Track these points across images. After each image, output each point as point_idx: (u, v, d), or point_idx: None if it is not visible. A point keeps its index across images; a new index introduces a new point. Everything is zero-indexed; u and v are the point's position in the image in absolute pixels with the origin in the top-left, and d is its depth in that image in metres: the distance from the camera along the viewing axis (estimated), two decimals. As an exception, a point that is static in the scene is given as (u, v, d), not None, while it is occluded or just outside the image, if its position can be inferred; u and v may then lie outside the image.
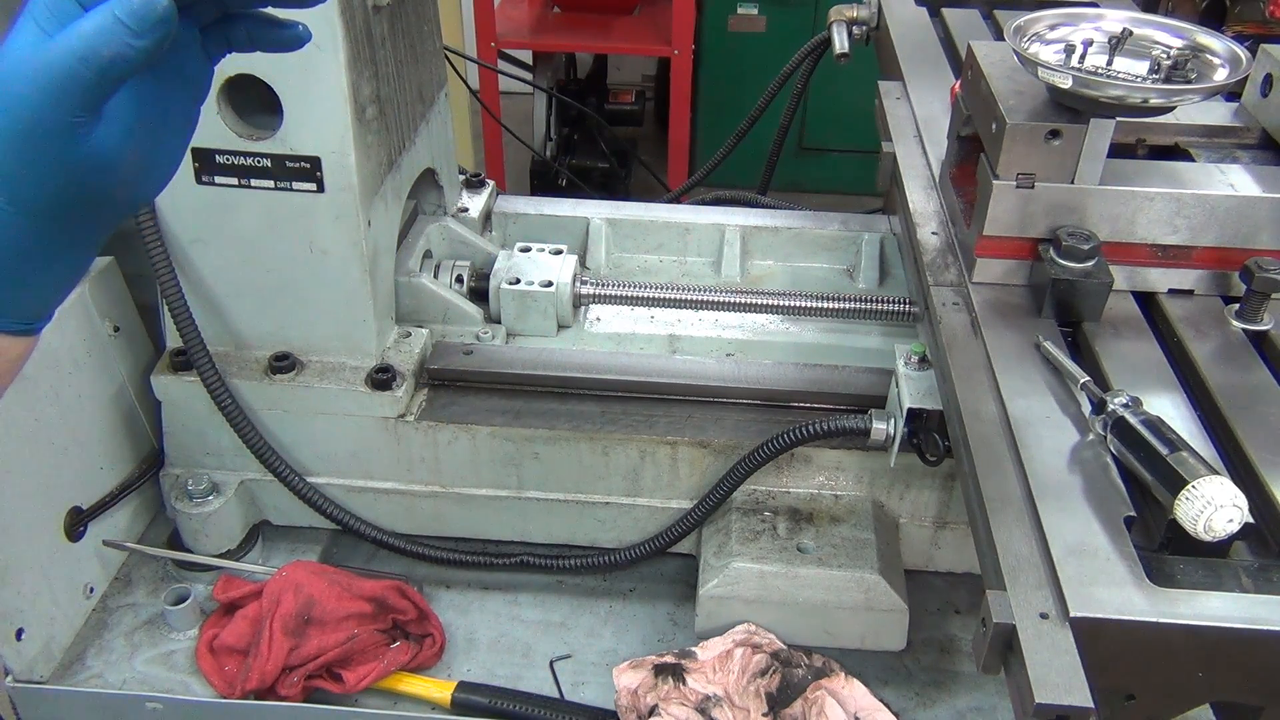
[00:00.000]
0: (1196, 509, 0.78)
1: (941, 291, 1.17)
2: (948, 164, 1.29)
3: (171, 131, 0.69)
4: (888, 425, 1.26)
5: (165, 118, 0.68)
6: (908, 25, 1.75)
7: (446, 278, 1.58)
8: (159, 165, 0.70)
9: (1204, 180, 1.11)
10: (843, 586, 1.31)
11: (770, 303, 1.53)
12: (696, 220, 1.76)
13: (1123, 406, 0.90)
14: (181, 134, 0.71)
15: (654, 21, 3.98)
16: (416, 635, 1.35)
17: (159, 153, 0.69)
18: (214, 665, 1.31)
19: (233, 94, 1.24)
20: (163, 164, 0.70)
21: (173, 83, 0.68)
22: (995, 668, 0.79)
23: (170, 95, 0.68)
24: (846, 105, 3.42)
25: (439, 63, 1.60)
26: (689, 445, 1.39)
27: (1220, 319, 1.10)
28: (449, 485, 1.45)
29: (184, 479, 1.43)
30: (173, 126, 0.69)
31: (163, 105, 0.67)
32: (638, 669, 1.28)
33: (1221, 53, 1.07)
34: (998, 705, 1.31)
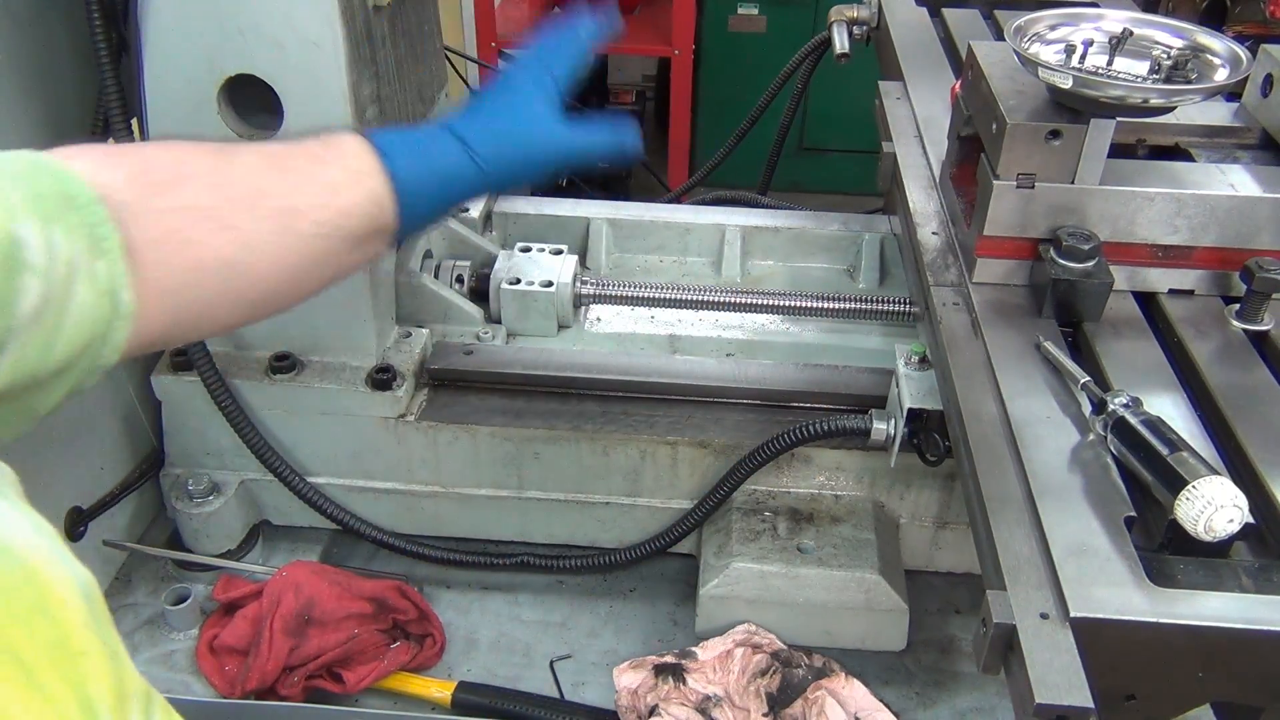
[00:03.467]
0: (1197, 509, 0.78)
1: (942, 291, 1.17)
2: (948, 164, 1.29)
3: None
4: (888, 425, 1.26)
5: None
6: (908, 25, 1.75)
7: (447, 278, 1.58)
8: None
9: (1204, 180, 1.11)
10: (843, 586, 1.31)
11: (770, 303, 1.53)
12: (697, 220, 1.76)
13: (1123, 407, 0.90)
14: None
15: (654, 21, 3.98)
16: (417, 635, 1.35)
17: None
18: (214, 665, 1.31)
19: (233, 93, 1.24)
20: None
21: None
22: (995, 668, 0.79)
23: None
24: (847, 105, 3.42)
25: (440, 63, 1.60)
26: (689, 445, 1.39)
27: (1220, 319, 1.10)
28: (449, 485, 1.45)
29: (184, 479, 1.43)
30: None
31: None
32: (638, 669, 1.28)
33: (1222, 53, 1.07)
34: (998, 705, 1.31)
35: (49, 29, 1.39)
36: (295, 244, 0.81)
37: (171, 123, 1.25)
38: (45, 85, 1.39)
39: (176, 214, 0.74)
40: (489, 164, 0.92)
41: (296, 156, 0.84)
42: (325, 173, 0.83)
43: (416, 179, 0.88)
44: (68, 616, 0.46)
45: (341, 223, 0.83)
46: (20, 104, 1.36)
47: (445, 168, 0.91)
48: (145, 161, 0.76)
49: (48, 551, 0.47)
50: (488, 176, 0.93)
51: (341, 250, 0.85)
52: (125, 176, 0.72)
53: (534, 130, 0.96)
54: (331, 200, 0.82)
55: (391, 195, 0.86)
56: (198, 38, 1.19)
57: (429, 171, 0.90)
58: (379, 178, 0.85)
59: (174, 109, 1.24)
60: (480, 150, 0.92)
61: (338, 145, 0.86)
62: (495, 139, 0.93)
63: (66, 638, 0.45)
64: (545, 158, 0.96)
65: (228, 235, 0.77)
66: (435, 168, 0.90)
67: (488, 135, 0.93)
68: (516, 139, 0.95)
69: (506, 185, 0.98)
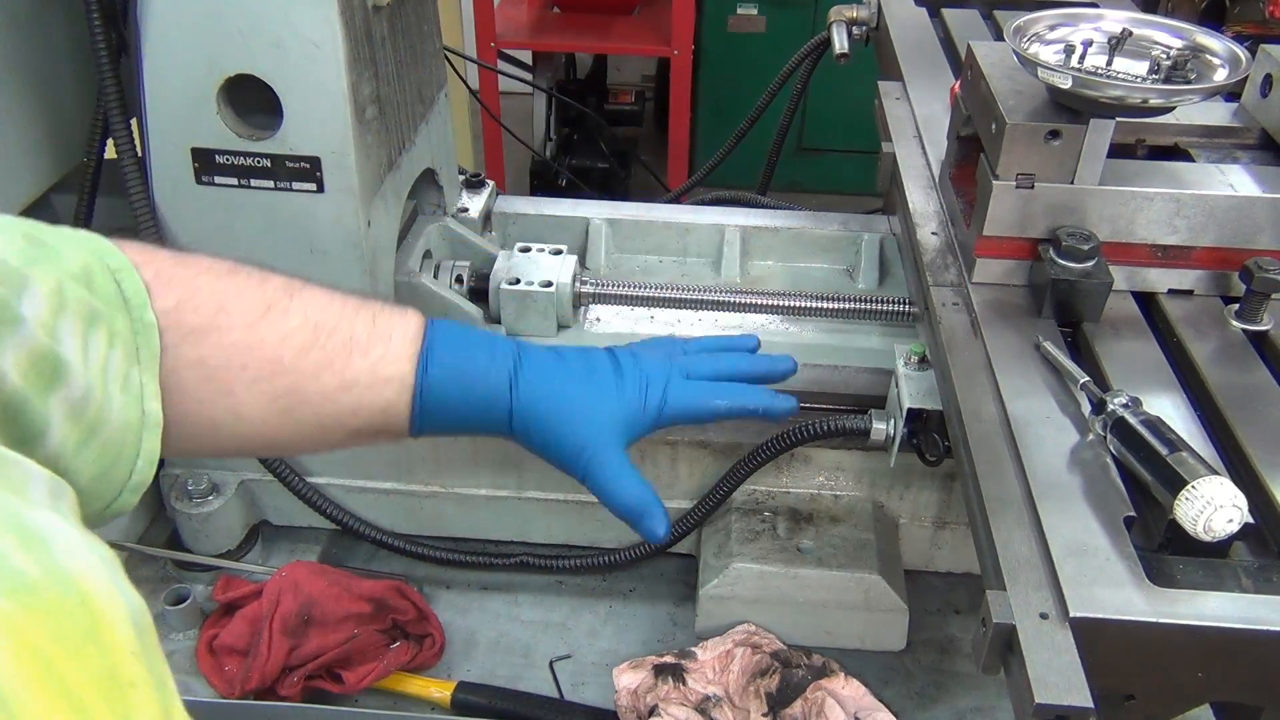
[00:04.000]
0: (1196, 509, 0.78)
1: (941, 292, 1.17)
2: (947, 164, 1.29)
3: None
4: (887, 425, 1.26)
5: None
6: (907, 25, 1.75)
7: (446, 278, 1.58)
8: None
9: (1203, 180, 1.11)
10: (843, 587, 1.31)
11: (770, 303, 1.53)
12: (696, 220, 1.76)
13: (1122, 407, 0.90)
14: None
15: (654, 22, 3.98)
16: (416, 635, 1.35)
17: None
18: (214, 665, 1.31)
19: (232, 94, 1.24)
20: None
21: None
22: (995, 668, 0.79)
23: None
24: (846, 105, 3.42)
25: (439, 63, 1.60)
26: (689, 445, 1.39)
27: (1220, 319, 1.10)
28: (449, 485, 1.45)
29: (184, 479, 1.43)
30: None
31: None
32: (637, 669, 1.28)
33: (1221, 53, 1.07)
34: (997, 705, 1.31)
35: (49, 29, 1.39)
36: (290, 426, 0.78)
37: (171, 123, 1.25)
38: (45, 85, 1.39)
39: (189, 367, 0.72)
40: (520, 424, 0.85)
41: (338, 334, 0.79)
42: (352, 365, 0.79)
43: (448, 401, 0.82)
44: (118, 646, 0.44)
45: (345, 420, 0.80)
46: (20, 104, 1.36)
47: (484, 400, 0.84)
48: (194, 294, 0.74)
49: (103, 578, 0.45)
50: (513, 433, 0.86)
51: (339, 438, 0.81)
52: (174, 306, 0.71)
53: (584, 435, 0.87)
54: (341, 397, 0.78)
55: (409, 403, 0.81)
56: (197, 38, 1.19)
57: (465, 400, 0.83)
58: (406, 390, 0.80)
59: (173, 109, 1.24)
60: (528, 410, 0.84)
61: (388, 335, 0.81)
62: (549, 413, 0.86)
63: (116, 668, 0.44)
64: (570, 465, 0.88)
65: (224, 402, 0.74)
66: (474, 396, 0.84)
67: (541, 404, 0.85)
68: (565, 428, 0.86)
69: (535, 452, 0.89)
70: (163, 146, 1.27)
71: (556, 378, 0.88)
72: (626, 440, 0.90)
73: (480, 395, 0.84)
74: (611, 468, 0.88)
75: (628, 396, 0.89)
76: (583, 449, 0.87)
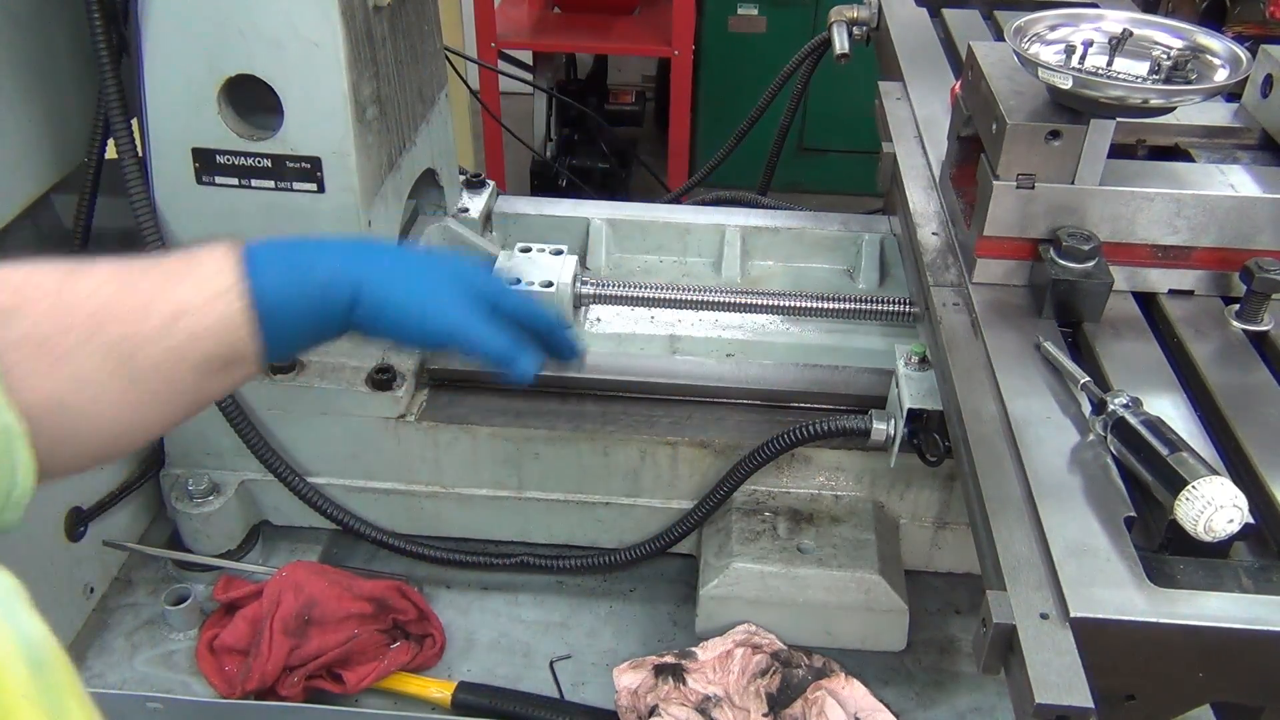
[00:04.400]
0: (1197, 509, 0.78)
1: (942, 292, 1.17)
2: (948, 164, 1.29)
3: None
4: (888, 425, 1.26)
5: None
6: (908, 26, 1.75)
7: (447, 278, 1.58)
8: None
9: (1204, 181, 1.11)
10: (843, 587, 1.31)
11: (770, 303, 1.53)
12: (697, 221, 1.76)
13: (1123, 407, 0.90)
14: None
15: (654, 22, 3.98)
16: (417, 635, 1.35)
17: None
18: (214, 665, 1.31)
19: (233, 94, 1.24)
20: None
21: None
22: (995, 668, 0.79)
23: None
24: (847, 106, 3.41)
25: (439, 63, 1.60)
26: (689, 445, 1.39)
27: (1220, 319, 1.10)
28: (449, 485, 1.45)
29: (184, 479, 1.43)
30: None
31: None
32: (638, 669, 1.28)
33: (1221, 53, 1.07)
34: (998, 705, 1.31)
35: (49, 30, 1.39)
36: (135, 380, 0.74)
37: (172, 123, 1.25)
38: (46, 86, 1.39)
39: (15, 348, 0.68)
40: (374, 306, 0.83)
41: (150, 274, 0.76)
42: (174, 293, 0.75)
43: (286, 301, 0.79)
44: (5, 688, 0.41)
45: (188, 352, 0.75)
46: (21, 104, 1.36)
47: (325, 294, 0.82)
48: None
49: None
50: (369, 320, 0.84)
51: (190, 380, 0.77)
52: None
53: (437, 296, 0.87)
54: (176, 325, 0.74)
55: (251, 318, 0.77)
56: (198, 38, 1.19)
57: (303, 294, 0.81)
58: (237, 298, 0.77)
59: (174, 109, 1.24)
60: (374, 288, 0.83)
61: (200, 260, 0.78)
62: (393, 286, 0.85)
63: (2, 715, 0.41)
64: (428, 327, 0.87)
65: (62, 371, 0.70)
66: (311, 291, 0.81)
67: (388, 279, 0.85)
68: (415, 295, 0.86)
69: (386, 338, 0.89)
70: (163, 146, 1.27)
71: (402, 254, 0.91)
72: (480, 302, 0.91)
73: (319, 285, 0.81)
74: (480, 323, 0.89)
75: (470, 275, 0.92)
76: (446, 310, 0.88)
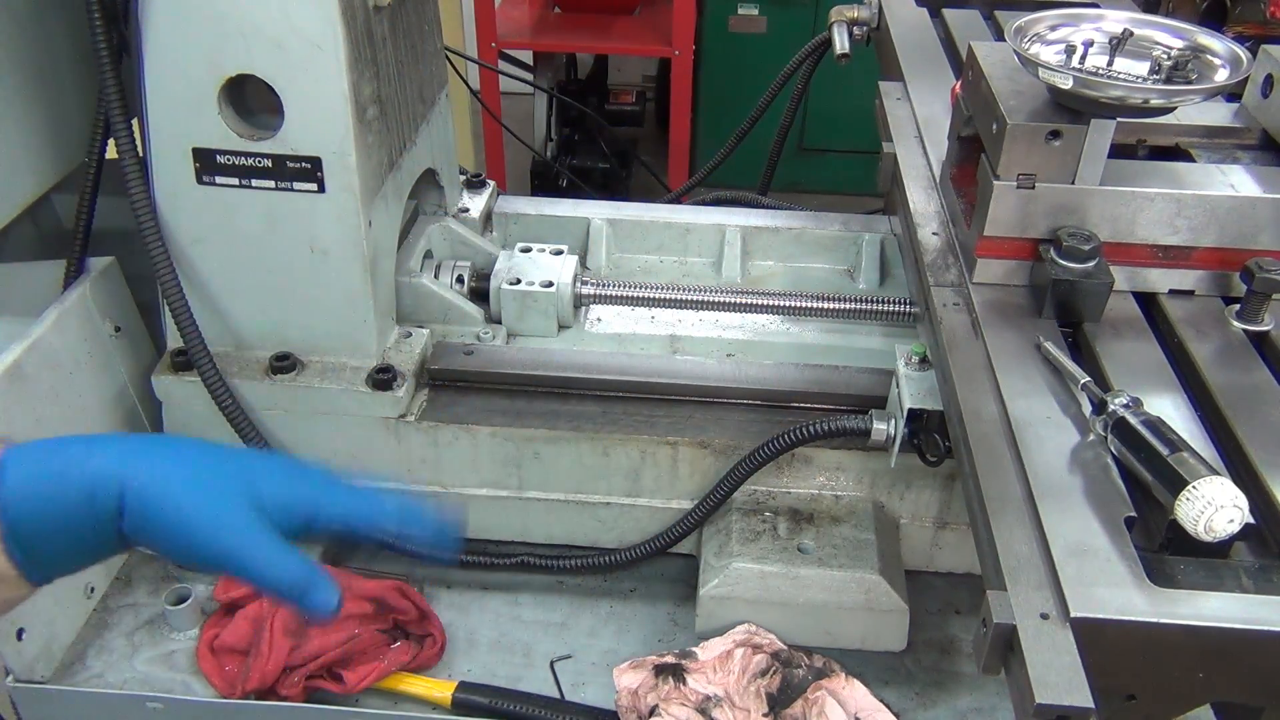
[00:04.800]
0: (1197, 509, 0.78)
1: (942, 292, 1.17)
2: (948, 164, 1.29)
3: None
4: (888, 426, 1.26)
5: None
6: (908, 26, 1.75)
7: (447, 278, 1.58)
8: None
9: (1204, 181, 1.11)
10: (843, 587, 1.31)
11: (771, 303, 1.53)
12: (697, 221, 1.76)
13: (1123, 407, 0.90)
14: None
15: (654, 22, 3.98)
16: (417, 635, 1.35)
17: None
18: (215, 665, 1.31)
19: (233, 94, 1.24)
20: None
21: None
22: (996, 668, 0.79)
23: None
24: (847, 106, 3.42)
25: (440, 63, 1.60)
26: (689, 445, 1.39)
27: (1221, 319, 1.10)
28: (450, 485, 1.45)
29: (184, 479, 1.43)
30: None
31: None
32: (638, 669, 1.28)
33: (1222, 53, 1.07)
34: (998, 705, 1.31)
35: (49, 30, 1.39)
36: None
37: (172, 123, 1.25)
38: (46, 86, 1.39)
39: None
40: (139, 516, 0.72)
41: None
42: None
43: (37, 512, 0.70)
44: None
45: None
46: (21, 105, 1.36)
47: (88, 502, 0.71)
48: None
49: None
50: (135, 533, 0.72)
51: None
52: None
53: (214, 510, 0.74)
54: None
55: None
56: (198, 38, 1.19)
57: (58, 503, 0.70)
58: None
59: (174, 109, 1.24)
60: (139, 496, 0.71)
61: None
62: (162, 494, 0.72)
63: None
64: (208, 550, 0.74)
65: None
66: (69, 500, 0.70)
67: (157, 485, 0.72)
68: (186, 508, 0.73)
69: (159, 555, 0.78)
70: (164, 146, 1.27)
71: (174, 455, 0.77)
72: (277, 517, 0.78)
73: (80, 491, 0.71)
74: (263, 549, 0.75)
75: (268, 476, 0.79)
76: (220, 533, 0.74)
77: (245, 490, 0.76)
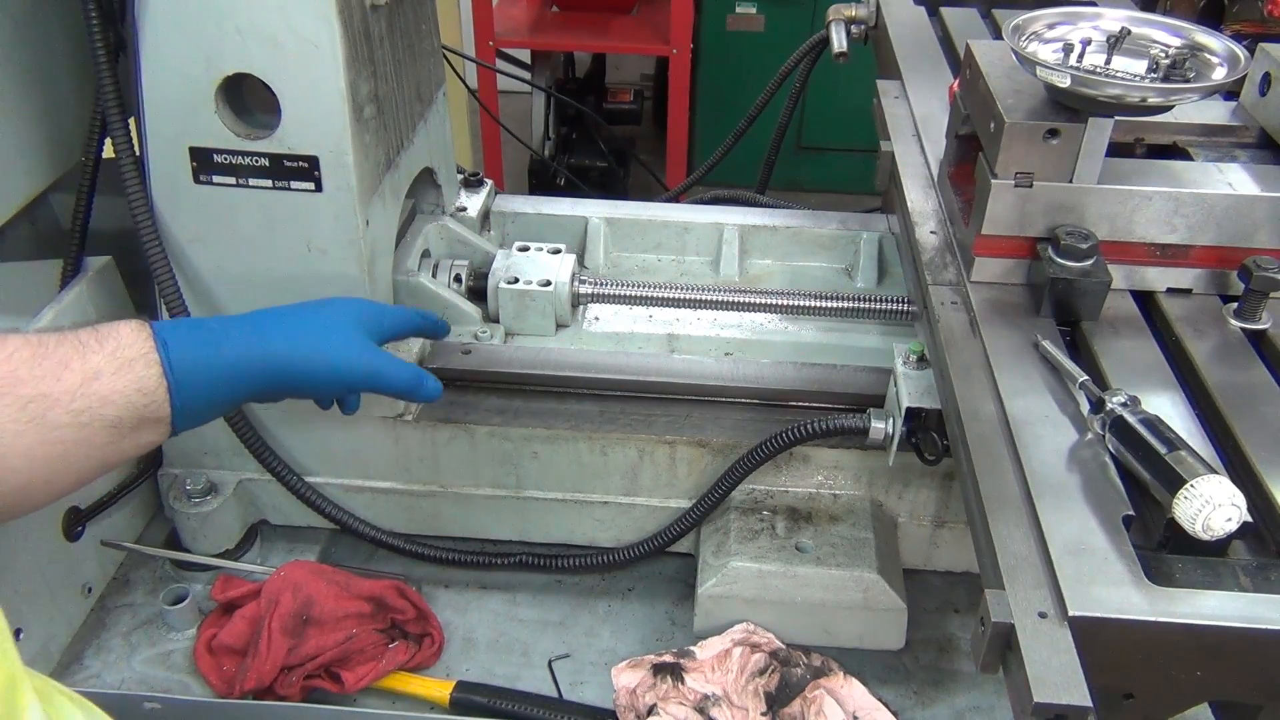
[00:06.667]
0: (1195, 508, 0.78)
1: (940, 290, 1.17)
2: (946, 163, 1.29)
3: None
4: (886, 424, 1.26)
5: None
6: (906, 24, 1.75)
7: (445, 277, 1.58)
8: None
9: (1202, 179, 1.11)
10: (841, 586, 1.31)
11: (769, 302, 1.53)
12: (695, 219, 1.76)
13: (1121, 405, 0.90)
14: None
15: (652, 21, 3.98)
16: (415, 635, 1.35)
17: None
18: (212, 665, 1.31)
19: (230, 93, 1.24)
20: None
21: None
22: (994, 667, 0.79)
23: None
24: (845, 104, 3.43)
25: (437, 62, 1.60)
26: (687, 444, 1.39)
27: (1219, 318, 1.10)
28: (447, 485, 1.45)
29: (182, 479, 1.43)
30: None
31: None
32: (636, 668, 1.28)
33: (1220, 52, 1.07)
34: (996, 704, 1.31)
35: (46, 28, 1.39)
36: (47, 434, 0.78)
37: (169, 122, 1.25)
38: (43, 85, 1.39)
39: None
40: (282, 368, 0.94)
41: (63, 344, 0.81)
42: (88, 360, 0.81)
43: (196, 369, 0.87)
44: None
45: (102, 410, 0.80)
46: (18, 103, 1.36)
47: (234, 361, 0.91)
48: None
49: None
50: (279, 379, 0.95)
51: (102, 440, 0.81)
52: None
53: (337, 346, 1.00)
54: (89, 387, 0.80)
55: (163, 383, 0.85)
56: (195, 37, 1.19)
57: (212, 362, 0.89)
58: (150, 365, 0.84)
59: (171, 108, 1.24)
60: (277, 351, 0.94)
61: (111, 332, 0.84)
62: (295, 345, 0.96)
63: None
64: (341, 376, 1.00)
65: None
66: (222, 359, 0.90)
67: (289, 339, 0.96)
68: (318, 349, 0.98)
69: (298, 394, 1.01)
70: (161, 145, 1.26)
71: (298, 314, 1.01)
72: (377, 337, 1.07)
73: (228, 361, 0.91)
74: (381, 360, 1.04)
75: (361, 311, 1.06)
76: (349, 357, 1.01)
77: (355, 324, 1.02)
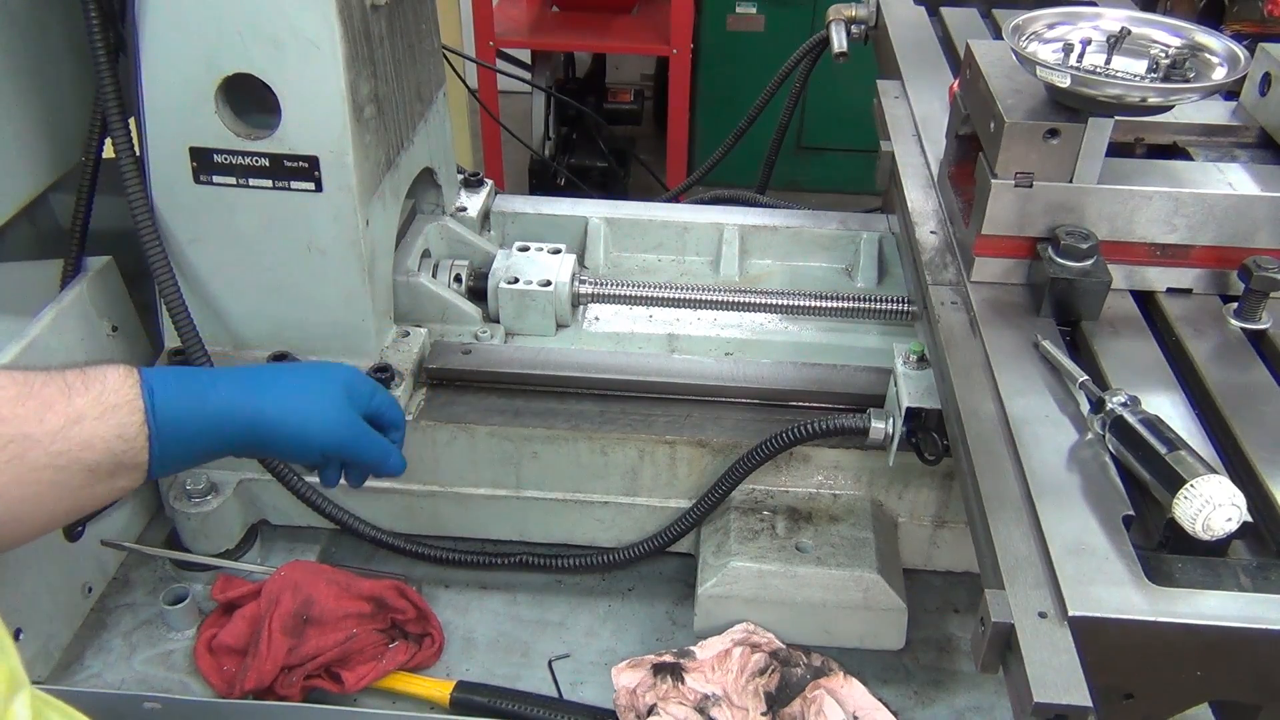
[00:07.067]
0: (1195, 508, 0.78)
1: (940, 290, 1.17)
2: (946, 163, 1.29)
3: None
4: (886, 424, 1.26)
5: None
6: (906, 24, 1.75)
7: (445, 277, 1.58)
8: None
9: (1202, 179, 1.11)
10: (841, 586, 1.31)
11: (769, 302, 1.53)
12: (695, 219, 1.76)
13: (1121, 405, 0.90)
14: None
15: (652, 21, 3.98)
16: (415, 635, 1.35)
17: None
18: (212, 665, 1.31)
19: (230, 93, 1.24)
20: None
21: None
22: (994, 667, 0.79)
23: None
24: (845, 104, 3.42)
25: (437, 62, 1.60)
26: (688, 444, 1.39)
27: (1219, 318, 1.10)
28: (447, 485, 1.45)
29: (182, 478, 1.42)
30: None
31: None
32: (636, 668, 1.28)
33: (1220, 51, 1.07)
34: (996, 704, 1.31)
35: (47, 29, 1.39)
36: (25, 474, 0.78)
37: (169, 122, 1.25)
38: (43, 85, 1.39)
39: None
40: (261, 425, 0.94)
41: (49, 385, 0.82)
42: (73, 403, 0.81)
43: (178, 419, 0.87)
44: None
45: (81, 454, 0.81)
46: (18, 103, 1.36)
47: (217, 414, 0.91)
48: None
49: None
50: (257, 436, 0.94)
51: (78, 484, 0.82)
52: None
53: (324, 411, 0.99)
54: (71, 431, 0.80)
55: (144, 430, 0.85)
56: (195, 37, 1.19)
57: (195, 414, 0.90)
58: (134, 412, 0.84)
59: (172, 108, 1.24)
60: (261, 408, 0.93)
61: (99, 376, 0.85)
62: (280, 404, 0.95)
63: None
64: (316, 441, 0.99)
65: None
66: (206, 411, 0.90)
67: (276, 399, 0.95)
68: (299, 411, 0.97)
69: (275, 454, 1.03)
70: (161, 146, 1.26)
71: (287, 383, 0.99)
72: (359, 410, 1.05)
73: (212, 414, 0.91)
74: (359, 432, 1.03)
75: (352, 380, 1.05)
76: (332, 427, 1.00)
77: (344, 395, 1.01)
